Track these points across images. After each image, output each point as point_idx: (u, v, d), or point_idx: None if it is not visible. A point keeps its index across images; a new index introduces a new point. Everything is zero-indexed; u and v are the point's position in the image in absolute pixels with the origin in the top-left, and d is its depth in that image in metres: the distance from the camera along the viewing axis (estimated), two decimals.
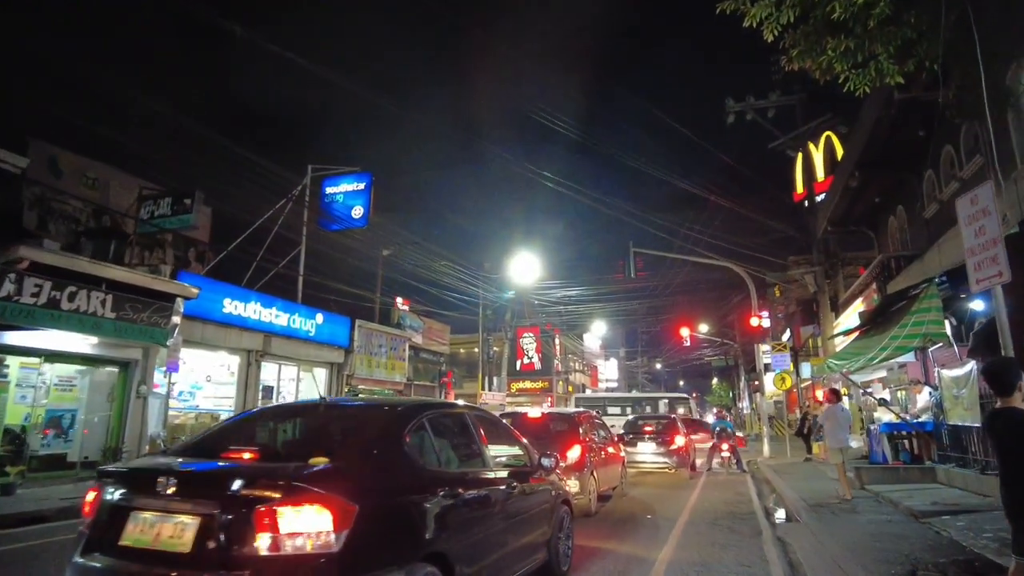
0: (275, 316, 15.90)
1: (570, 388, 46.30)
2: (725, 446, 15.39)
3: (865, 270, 17.21)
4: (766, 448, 19.87)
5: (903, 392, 13.93)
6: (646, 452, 13.92)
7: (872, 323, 10.91)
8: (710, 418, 26.76)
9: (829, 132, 20.16)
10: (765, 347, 24.94)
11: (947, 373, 10.03)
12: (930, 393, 10.96)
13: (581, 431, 9.29)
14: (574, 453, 8.75)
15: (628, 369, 69.73)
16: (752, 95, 21.37)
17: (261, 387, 16.10)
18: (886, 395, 14.20)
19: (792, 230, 21.41)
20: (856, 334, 11.93)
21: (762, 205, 22.71)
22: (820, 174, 20.03)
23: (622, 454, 11.78)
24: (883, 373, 14.71)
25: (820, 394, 22.48)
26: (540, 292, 26.84)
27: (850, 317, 16.87)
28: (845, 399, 20.34)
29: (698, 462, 17.00)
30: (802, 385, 28.90)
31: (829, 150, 20.29)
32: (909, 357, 12.53)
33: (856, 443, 17.58)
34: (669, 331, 51.48)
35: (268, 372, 16.60)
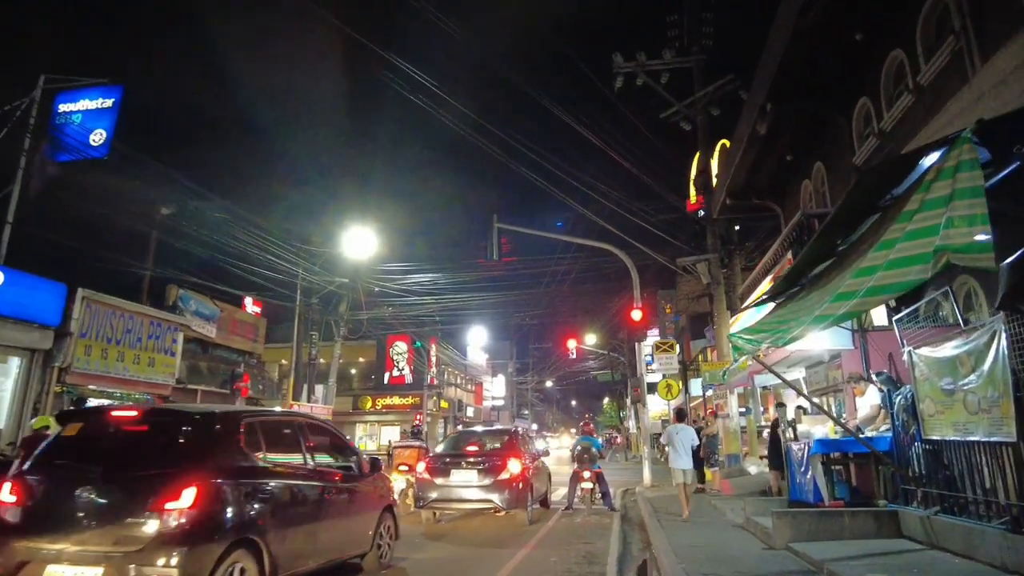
0: None
1: (443, 404, 41.03)
2: (587, 474, 10.83)
3: (761, 262, 13.93)
4: (647, 474, 15.70)
5: (827, 396, 9.96)
6: (466, 484, 9.00)
7: (801, 281, 6.72)
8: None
9: (724, 140, 17.59)
10: (647, 352, 21.10)
11: (929, 353, 5.93)
12: (891, 392, 6.88)
13: (225, 455, 4.20)
14: (182, 502, 3.70)
15: (517, 386, 65.38)
16: (643, 53, 18.02)
17: None
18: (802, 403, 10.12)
19: (684, 211, 18.21)
20: (774, 306, 7.75)
21: (651, 182, 19.06)
22: (715, 181, 17.35)
23: (392, 493, 6.83)
24: (801, 372, 10.72)
25: (711, 408, 19.16)
26: (384, 277, 21.53)
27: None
28: (737, 416, 16.87)
29: (557, 495, 12.51)
30: (691, 404, 26.18)
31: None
32: (845, 342, 8.53)
33: (755, 468, 13.77)
34: (558, 344, 47.67)
35: None
